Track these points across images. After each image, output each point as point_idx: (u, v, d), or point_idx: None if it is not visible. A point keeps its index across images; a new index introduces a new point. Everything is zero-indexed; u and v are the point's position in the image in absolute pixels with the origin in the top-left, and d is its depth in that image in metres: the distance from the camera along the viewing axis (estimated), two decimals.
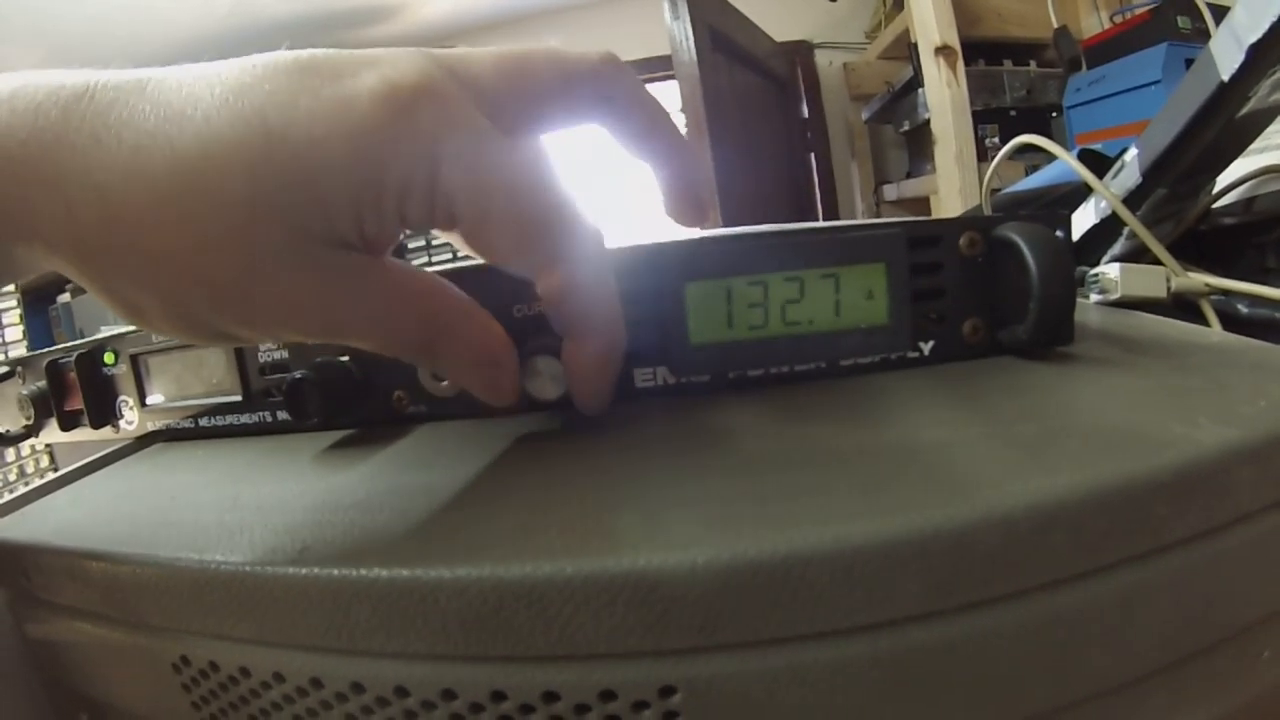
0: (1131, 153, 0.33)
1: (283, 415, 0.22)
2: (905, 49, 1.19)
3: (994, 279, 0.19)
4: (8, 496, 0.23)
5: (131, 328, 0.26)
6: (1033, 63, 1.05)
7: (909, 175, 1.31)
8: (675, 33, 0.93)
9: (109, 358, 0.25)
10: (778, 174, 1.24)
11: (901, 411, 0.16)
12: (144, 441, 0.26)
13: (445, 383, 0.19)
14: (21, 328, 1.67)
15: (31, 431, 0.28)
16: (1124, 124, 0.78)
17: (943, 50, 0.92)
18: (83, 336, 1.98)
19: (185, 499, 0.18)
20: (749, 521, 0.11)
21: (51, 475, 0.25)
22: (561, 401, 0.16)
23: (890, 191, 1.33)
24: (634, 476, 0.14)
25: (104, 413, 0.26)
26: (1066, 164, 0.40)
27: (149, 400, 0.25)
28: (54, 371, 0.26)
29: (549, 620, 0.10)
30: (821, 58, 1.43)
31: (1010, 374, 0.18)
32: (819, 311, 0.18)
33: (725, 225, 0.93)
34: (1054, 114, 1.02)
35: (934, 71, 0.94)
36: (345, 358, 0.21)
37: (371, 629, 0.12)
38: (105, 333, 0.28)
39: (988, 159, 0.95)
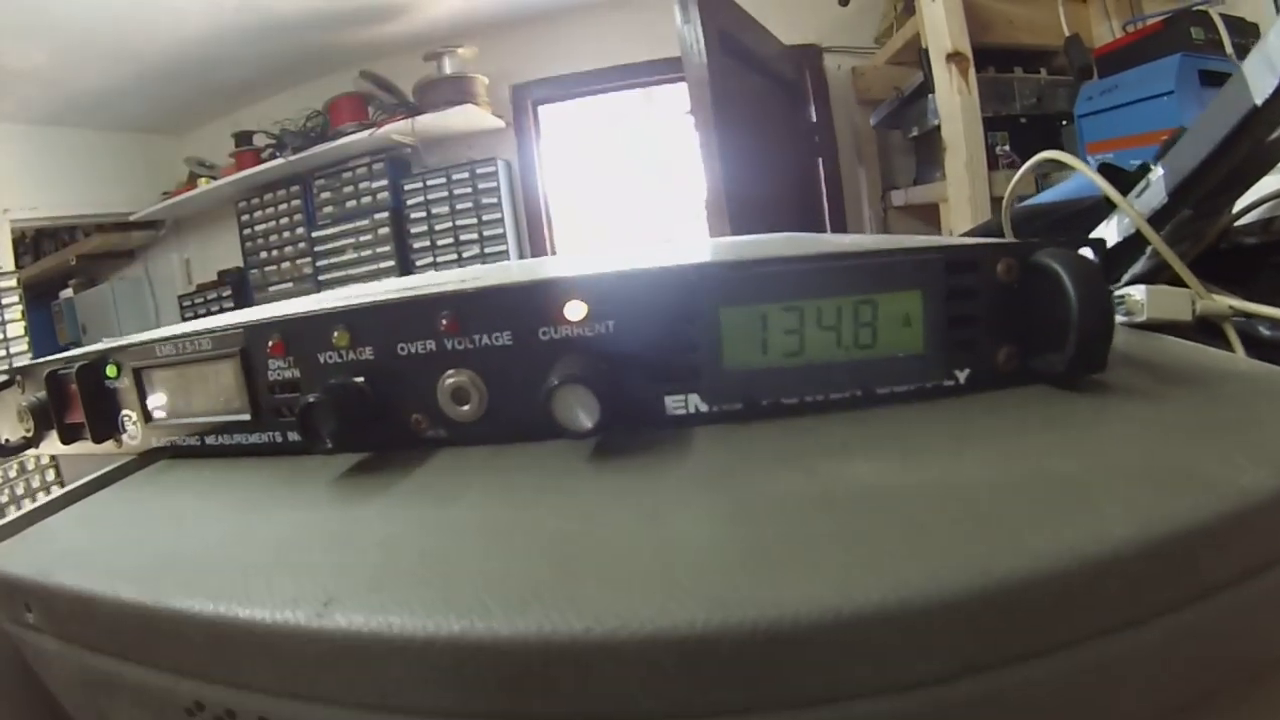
0: (1157, 172, 0.32)
1: (294, 436, 0.21)
2: (915, 54, 1.19)
3: (1028, 306, 0.19)
4: (11, 513, 0.22)
5: (134, 338, 0.26)
6: (1043, 70, 1.04)
7: (916, 181, 1.31)
8: (686, 36, 0.93)
9: (111, 370, 0.24)
10: (785, 178, 1.24)
11: (942, 447, 0.15)
12: (147, 458, 0.25)
13: (467, 407, 0.19)
14: (23, 324, 1.67)
15: (31, 443, 0.27)
16: (1136, 134, 0.78)
17: (954, 57, 0.92)
18: (85, 333, 1.98)
19: (195, 530, 0.18)
20: (798, 574, 0.11)
21: (57, 489, 0.24)
22: (594, 432, 0.16)
23: (898, 197, 1.32)
24: (670, 516, 0.13)
25: (106, 426, 0.25)
26: (1085, 178, 0.39)
27: (153, 416, 0.24)
28: (54, 382, 0.25)
29: (596, 681, 0.10)
30: (830, 61, 1.43)
31: (1047, 405, 0.18)
32: (855, 338, 0.17)
33: (735, 230, 0.93)
34: (1064, 122, 1.02)
35: (945, 78, 0.93)
36: (360, 378, 0.20)
37: (404, 687, 0.11)
38: (107, 344, 0.27)
39: (998, 167, 0.94)
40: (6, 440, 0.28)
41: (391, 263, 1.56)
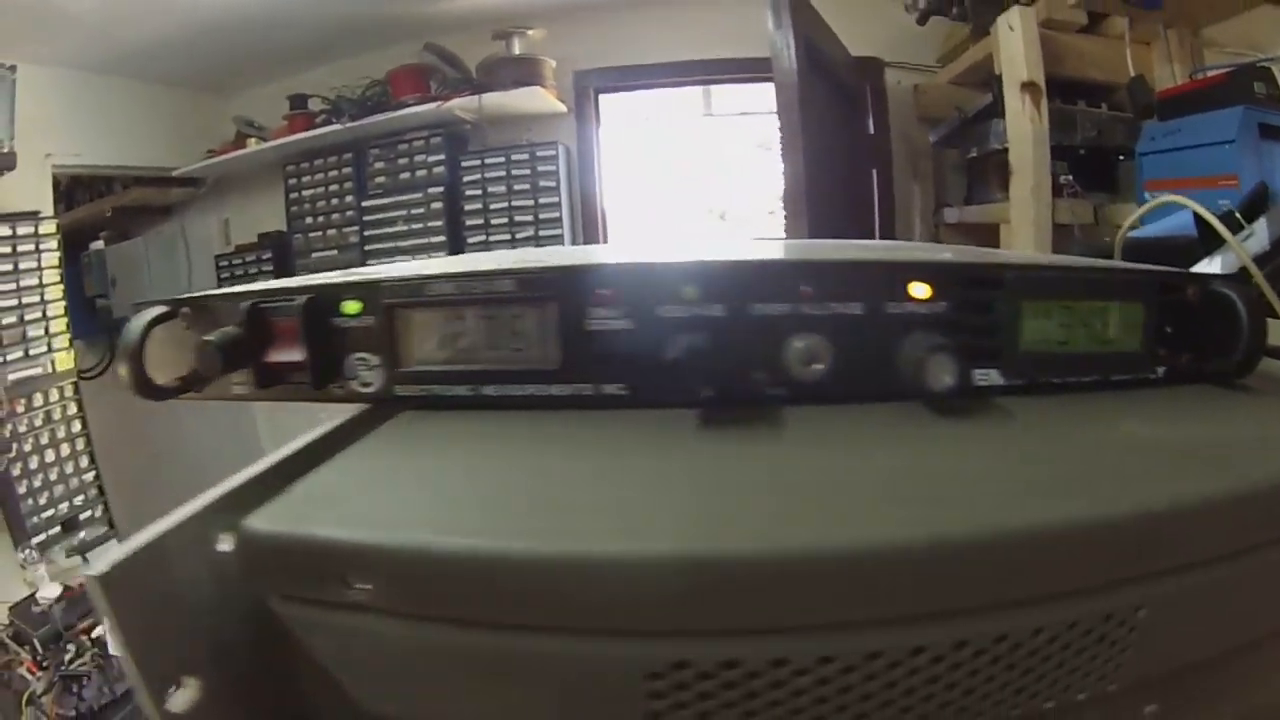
0: (1261, 223, 0.41)
1: (608, 388, 0.21)
2: (979, 77, 1.27)
3: (1204, 322, 0.27)
4: (35, 464, 0.18)
5: (379, 272, 0.23)
6: (1103, 105, 1.13)
7: (967, 201, 1.39)
8: (777, 41, 1.00)
9: (351, 307, 0.22)
10: (844, 186, 1.32)
11: (1175, 418, 0.23)
12: (387, 408, 0.22)
13: (817, 366, 0.22)
14: (60, 270, 1.70)
15: (192, 385, 0.23)
16: (1195, 176, 0.87)
17: (1028, 86, 1.00)
18: (114, 286, 2.01)
19: (553, 480, 0.17)
20: (1160, 479, 0.18)
21: (81, 443, 0.20)
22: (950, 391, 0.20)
23: (951, 215, 1.41)
24: (1040, 456, 0.19)
25: (330, 371, 0.22)
26: (1179, 219, 0.48)
27: (408, 360, 0.21)
28: (256, 317, 0.22)
29: (1051, 564, 0.15)
30: (890, 76, 1.51)
31: (1219, 396, 0.26)
32: (1101, 335, 0.25)
33: (812, 233, 1.00)
34: (1120, 157, 1.10)
35: (1017, 105, 1.01)
36: (704, 334, 0.21)
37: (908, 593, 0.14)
38: (338, 276, 0.24)
39: (1061, 195, 1.03)
40: (159, 381, 0.23)
41: (442, 238, 1.62)
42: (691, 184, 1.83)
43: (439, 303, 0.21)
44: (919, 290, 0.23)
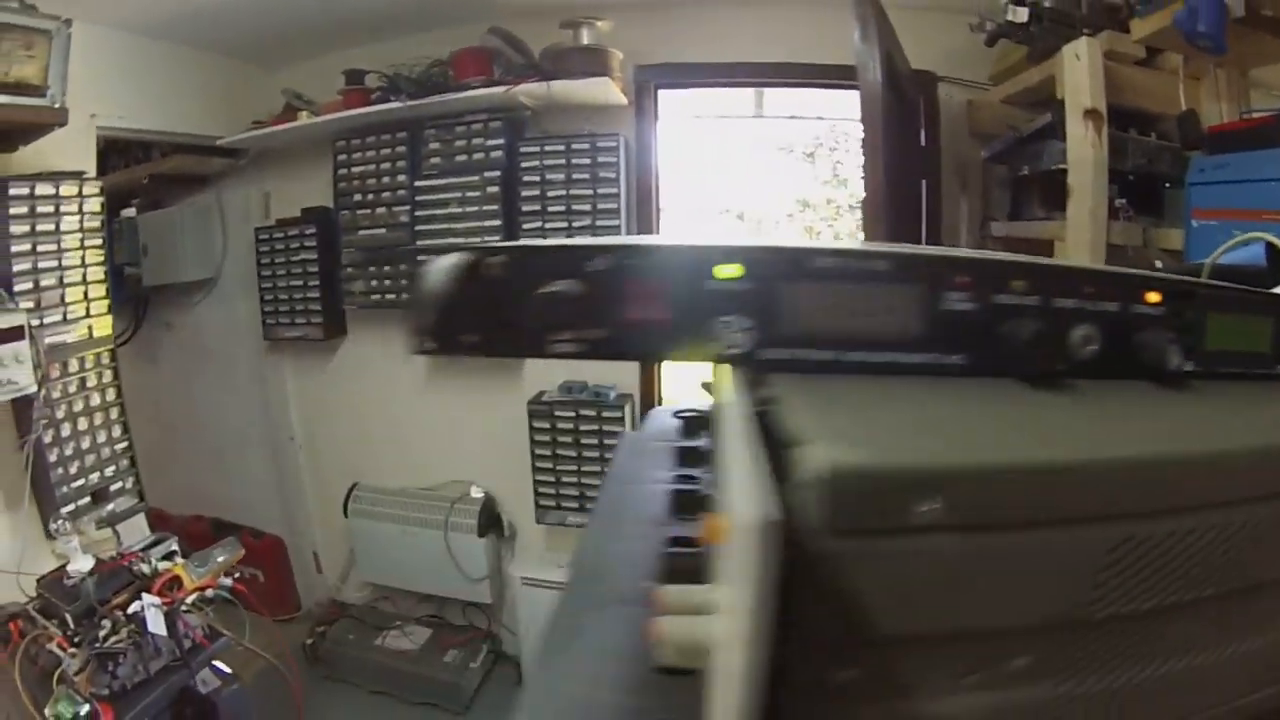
0: None
1: (953, 359, 0.27)
2: (1033, 98, 1.38)
3: None
4: (67, 431, 0.18)
5: (757, 240, 0.29)
6: (1153, 133, 1.24)
7: (1011, 217, 1.51)
8: (863, 54, 1.09)
9: (730, 271, 0.24)
10: (898, 194, 1.42)
11: None
12: (747, 371, 0.25)
13: (1091, 348, 0.30)
14: (103, 234, 1.72)
15: (497, 341, 0.24)
16: (1242, 208, 0.98)
17: (1091, 113, 1.11)
18: (145, 254, 2.03)
19: (987, 411, 0.23)
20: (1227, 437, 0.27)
21: (115, 412, 0.19)
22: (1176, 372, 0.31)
23: (998, 229, 1.52)
24: (1247, 408, 0.30)
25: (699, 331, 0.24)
26: (1253, 250, 0.59)
27: (773, 326, 0.25)
28: (608, 275, 0.23)
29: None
30: (942, 90, 1.61)
31: None
32: (1248, 339, 0.35)
33: (889, 234, 1.10)
34: (1166, 185, 1.22)
35: (1079, 131, 1.12)
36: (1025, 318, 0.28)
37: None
38: (701, 239, 0.28)
39: (1117, 218, 1.14)
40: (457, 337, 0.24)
41: (497, 222, 1.69)
42: (714, 183, 1.93)
43: (819, 275, 0.25)
44: (1153, 297, 0.32)
